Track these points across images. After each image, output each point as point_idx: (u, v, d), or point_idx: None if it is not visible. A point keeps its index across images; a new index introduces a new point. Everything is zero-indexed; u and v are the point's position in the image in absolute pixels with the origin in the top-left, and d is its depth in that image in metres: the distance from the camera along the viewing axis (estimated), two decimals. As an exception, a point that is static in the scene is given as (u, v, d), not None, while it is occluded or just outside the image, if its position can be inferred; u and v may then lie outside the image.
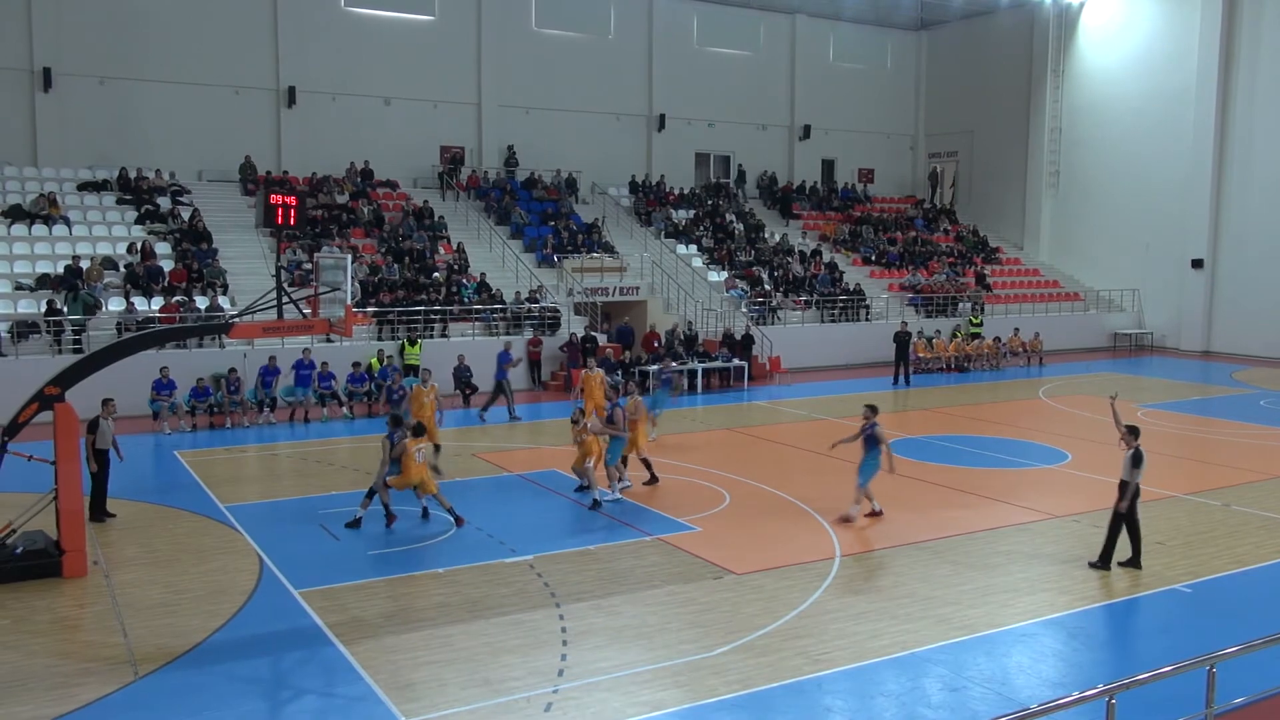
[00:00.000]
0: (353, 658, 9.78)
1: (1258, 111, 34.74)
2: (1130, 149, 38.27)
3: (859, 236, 39.57)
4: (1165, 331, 37.80)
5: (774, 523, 14.61)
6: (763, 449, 19.99)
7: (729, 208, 38.89)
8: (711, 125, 40.81)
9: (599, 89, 37.83)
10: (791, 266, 35.29)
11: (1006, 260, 41.19)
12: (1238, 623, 10.47)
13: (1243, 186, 35.28)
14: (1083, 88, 40.27)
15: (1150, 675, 5.72)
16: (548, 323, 27.90)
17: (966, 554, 13.21)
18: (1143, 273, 38.16)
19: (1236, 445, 20.46)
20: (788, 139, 42.91)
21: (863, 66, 44.27)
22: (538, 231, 32.72)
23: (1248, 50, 34.93)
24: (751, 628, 10.51)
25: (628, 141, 39.00)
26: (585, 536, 13.85)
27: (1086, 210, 40.39)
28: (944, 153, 46.17)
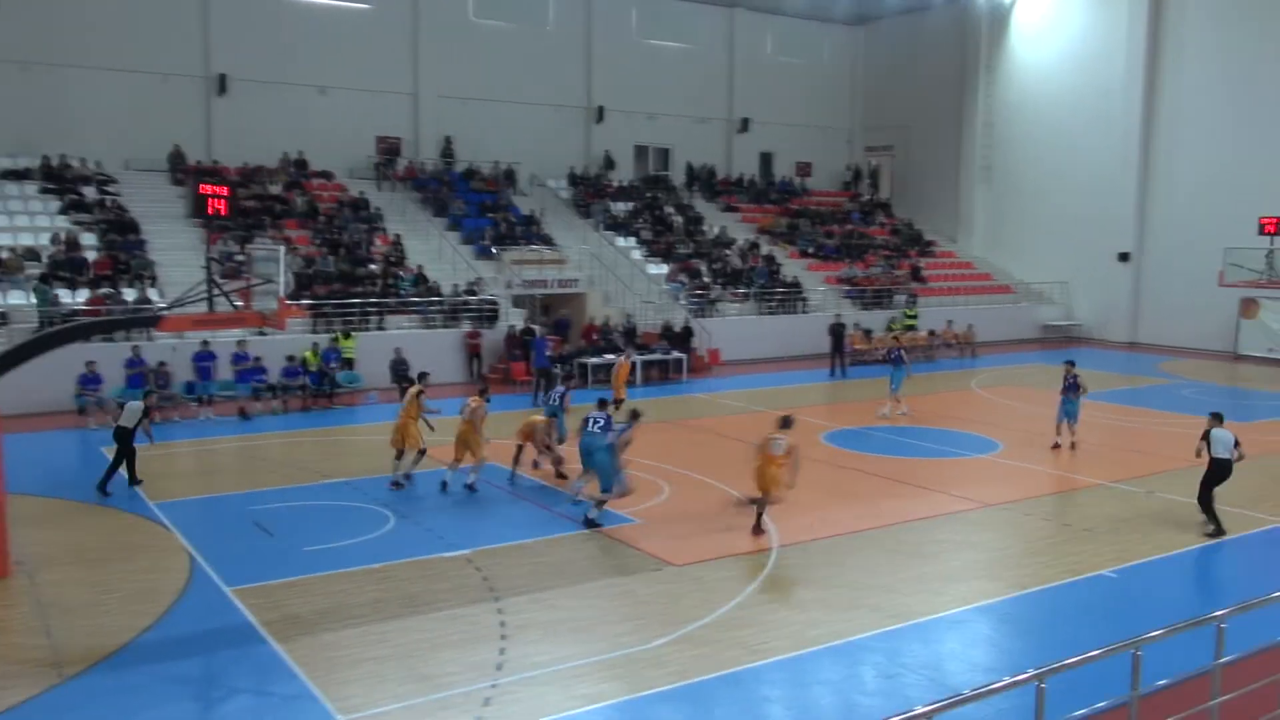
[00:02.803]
0: (287, 655, 9.63)
1: (1183, 108, 35.63)
2: (1060, 144, 39.03)
3: (796, 229, 39.88)
4: (1093, 323, 38.67)
5: (714, 515, 14.65)
6: (702, 441, 20.07)
7: (668, 200, 38.95)
8: (651, 118, 40.81)
9: (538, 80, 37.61)
10: (730, 259, 35.46)
11: (940, 253, 41.82)
12: (1161, 606, 10.77)
13: (1168, 181, 36.19)
14: (1014, 84, 40.98)
15: (1079, 659, 5.84)
16: (486, 315, 27.71)
17: (902, 543, 13.40)
18: (1072, 265, 39.00)
19: (1160, 434, 21.01)
20: (726, 132, 43.08)
21: (801, 60, 44.58)
22: (476, 223, 32.47)
23: (1173, 48, 35.81)
24: (690, 619, 10.55)
25: (566, 133, 38.84)
26: (523, 530, 13.79)
27: (1018, 204, 41.14)
28: (880, 147, 46.70)
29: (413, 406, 16.25)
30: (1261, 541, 13.87)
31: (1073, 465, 17.99)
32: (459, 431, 16.00)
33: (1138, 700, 6.17)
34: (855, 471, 17.41)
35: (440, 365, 26.13)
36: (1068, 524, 14.38)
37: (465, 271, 29.58)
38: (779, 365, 30.90)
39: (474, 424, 15.89)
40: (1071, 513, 15.02)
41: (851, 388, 27.10)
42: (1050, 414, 19.92)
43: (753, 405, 23.85)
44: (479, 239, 31.59)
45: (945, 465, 18.16)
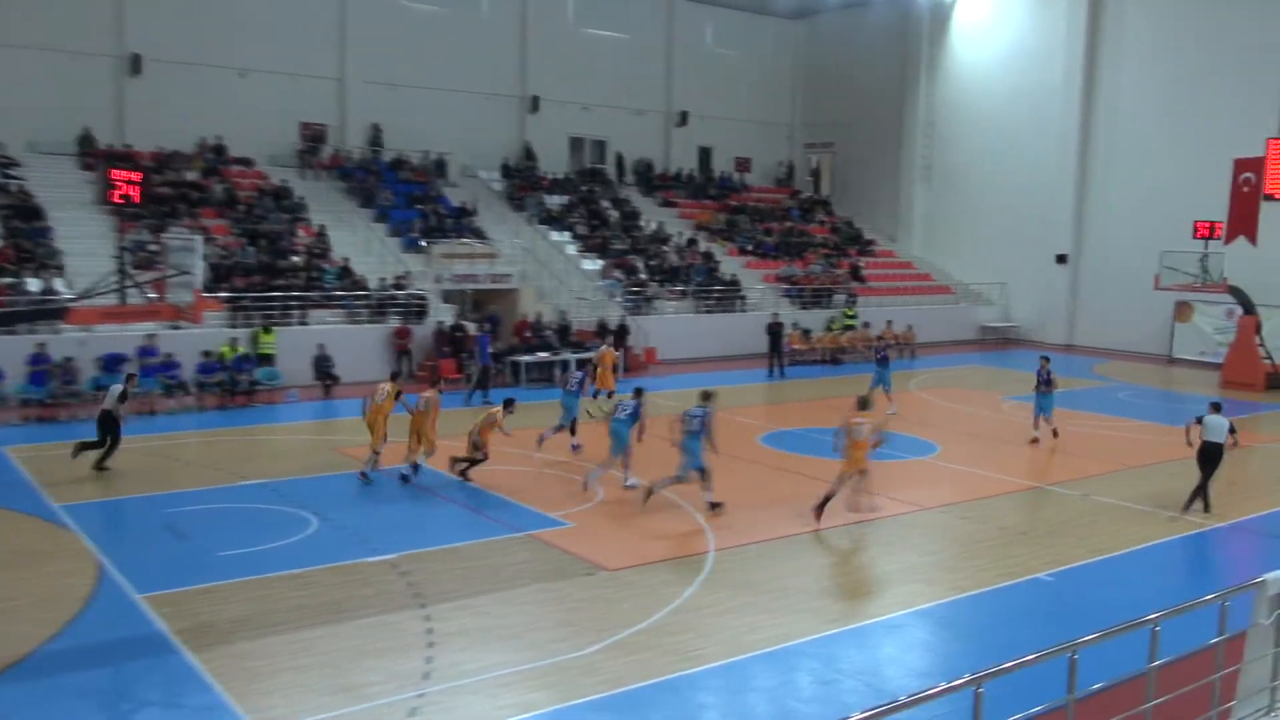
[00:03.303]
0: (201, 666, 9.43)
1: (1120, 110, 36.56)
2: (1000, 144, 39.81)
3: (735, 226, 40.13)
4: (1031, 325, 39.52)
5: (648, 517, 14.70)
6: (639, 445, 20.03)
7: (604, 194, 38.94)
8: (587, 109, 40.76)
9: (470, 68, 37.33)
10: (667, 256, 35.56)
11: (880, 253, 42.40)
12: (1097, 609, 11.04)
13: (1105, 183, 37.12)
14: (955, 83, 41.72)
15: (1015, 664, 5.96)
16: (414, 310, 27.44)
17: (840, 546, 13.57)
18: (1010, 267, 39.80)
19: (1095, 437, 21.54)
20: (664, 125, 43.19)
21: (741, 53, 44.87)
22: (404, 215, 32.13)
23: (1110, 50, 36.73)
24: (624, 625, 10.56)
25: (500, 123, 38.62)
26: (452, 533, 13.69)
27: (958, 204, 41.87)
28: (820, 143, 47.19)
29: (389, 403, 16.80)
30: (1194, 545, 14.30)
31: (1010, 469, 18.36)
32: (412, 422, 16.42)
33: (1074, 704, 6.31)
34: (793, 474, 17.57)
35: (366, 362, 25.86)
36: (1005, 527, 14.67)
37: (393, 265, 29.26)
38: (717, 365, 31.05)
39: (428, 415, 16.38)
40: (1008, 516, 15.32)
41: (790, 388, 27.35)
42: (993, 416, 20.33)
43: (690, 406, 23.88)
44: (407, 231, 31.26)
45: (883, 468, 18.35)
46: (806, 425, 21.90)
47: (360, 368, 25.67)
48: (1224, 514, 15.60)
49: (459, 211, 33.25)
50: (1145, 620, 6.74)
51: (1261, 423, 24.03)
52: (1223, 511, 15.72)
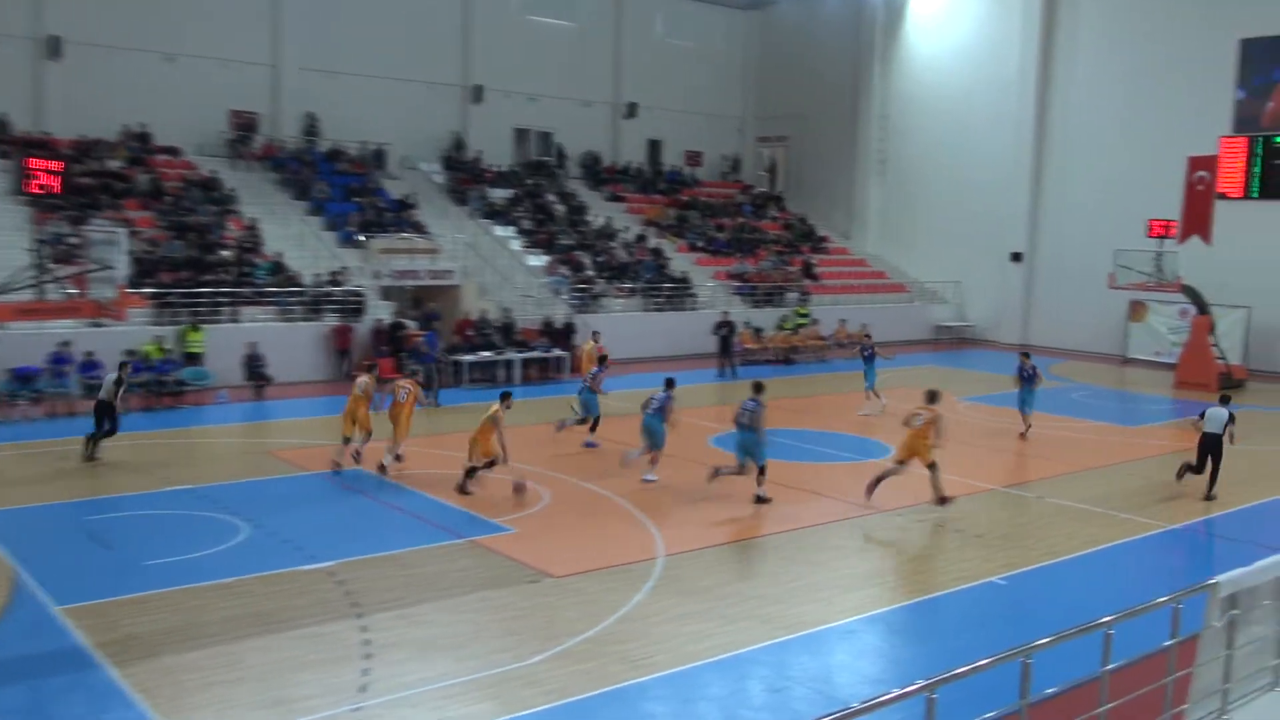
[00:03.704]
0: (125, 681, 9.28)
1: (1075, 105, 37.23)
2: (955, 140, 40.35)
3: (685, 222, 40.25)
4: (985, 324, 40.11)
5: (595, 522, 14.72)
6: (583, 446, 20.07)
7: (550, 188, 38.86)
8: (533, 99, 40.64)
9: (411, 55, 37.06)
10: (615, 252, 35.58)
11: (834, 250, 42.77)
12: (1051, 613, 11.24)
13: (1060, 180, 37.77)
14: (910, 75, 42.20)
15: (968, 669, 6.05)
16: (351, 308, 27.20)
17: (792, 551, 13.67)
18: (965, 265, 40.35)
19: (1050, 438, 21.90)
20: (612, 117, 43.21)
21: (691, 44, 45.01)
22: (341, 208, 31.83)
23: (1066, 43, 37.40)
24: (570, 634, 10.56)
25: (442, 113, 38.38)
26: (391, 540, 13.59)
27: (912, 201, 42.37)
28: (773, 137, 47.51)
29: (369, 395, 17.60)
30: (1147, 547, 14.60)
31: (965, 470, 18.60)
32: (389, 412, 17.31)
33: (1027, 709, 6.42)
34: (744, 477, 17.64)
35: (299, 362, 25.66)
36: (960, 530, 14.88)
37: (328, 260, 28.97)
38: (667, 365, 31.07)
39: (406, 405, 17.24)
40: (963, 518, 15.53)
41: (741, 389, 27.34)
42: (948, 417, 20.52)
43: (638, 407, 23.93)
44: (344, 225, 30.98)
45: (837, 470, 18.59)
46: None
47: (294, 367, 25.43)
48: (1176, 515, 15.97)
49: (398, 205, 33.00)
50: (1098, 624, 6.87)
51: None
52: (1175, 513, 16.10)
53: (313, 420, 22.01)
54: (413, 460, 18.08)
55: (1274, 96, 32.48)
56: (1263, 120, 32.69)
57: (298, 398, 24.23)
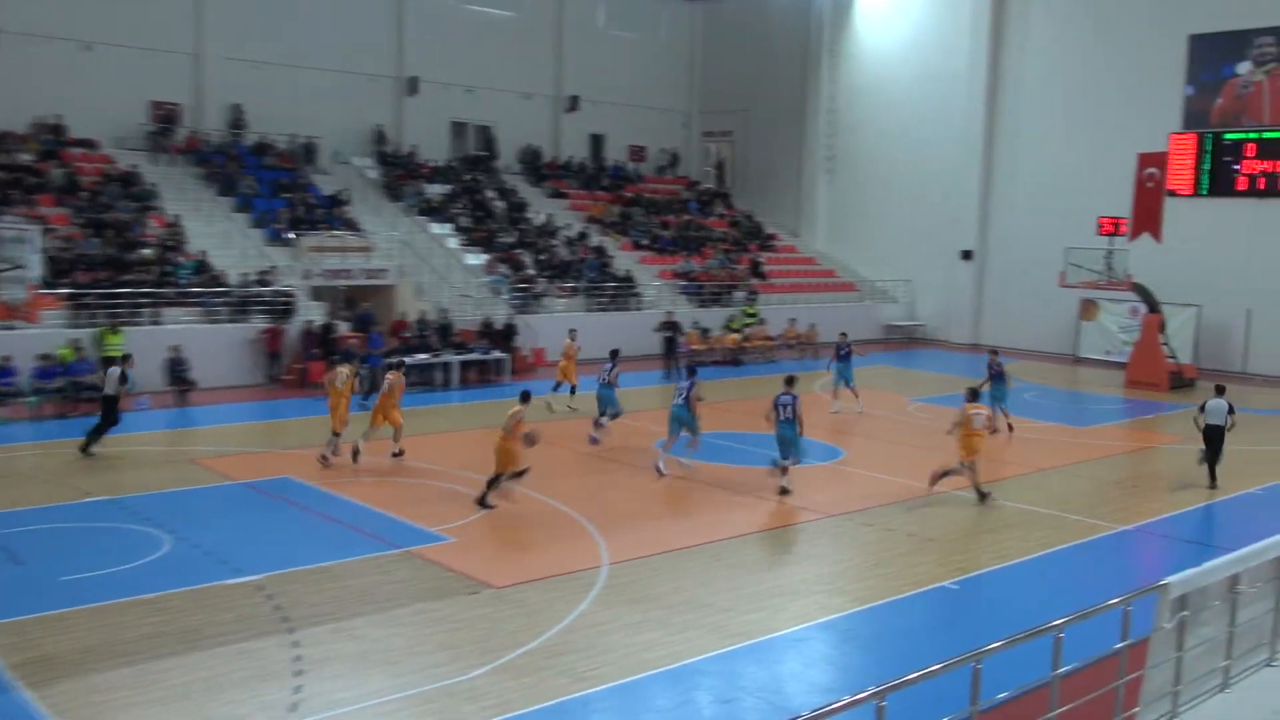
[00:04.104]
0: (41, 703, 9.10)
1: (1025, 100, 37.86)
2: (904, 136, 40.81)
3: (629, 219, 40.32)
4: (936, 323, 40.64)
5: (537, 530, 14.71)
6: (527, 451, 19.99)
7: (489, 184, 38.71)
8: (470, 92, 40.46)
9: (343, 45, 36.69)
10: (557, 250, 35.54)
11: (782, 248, 43.09)
12: (1003, 617, 11.43)
13: (1011, 177, 38.39)
14: (859, 69, 42.63)
15: (919, 675, 6.14)
16: (280, 309, 26.90)
17: (741, 557, 13.75)
18: (915, 263, 40.84)
19: (1002, 439, 22.23)
20: (553, 110, 43.15)
21: (635, 35, 45.10)
22: (269, 204, 31.46)
23: (1015, 37, 38.01)
24: (511, 646, 10.54)
25: (376, 106, 38.07)
26: (323, 551, 13.46)
27: (862, 197, 42.80)
28: (719, 132, 47.75)
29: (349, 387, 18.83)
30: (1099, 548, 14.90)
31: (917, 472, 18.82)
32: (378, 404, 18.58)
33: (978, 714, 6.53)
34: (691, 481, 17.74)
35: (225, 365, 25.35)
36: (911, 534, 15.07)
37: (256, 259, 28.62)
38: (610, 366, 31.08)
39: (391, 396, 18.44)
40: (914, 522, 15.74)
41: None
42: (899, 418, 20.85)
43: (582, 410, 23.95)
44: (272, 222, 30.64)
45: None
46: (705, 430, 22.08)
47: (219, 371, 25.12)
48: (1127, 517, 16.31)
49: (329, 201, 32.69)
50: (1049, 627, 7.01)
51: (1165, 423, 25.14)
52: (1126, 514, 16.45)
53: (239, 427, 21.75)
54: (349, 467, 17.92)
55: (1223, 93, 33.28)
56: (1212, 117, 33.48)
57: (223, 403, 23.92)
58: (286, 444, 19.94)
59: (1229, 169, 33.00)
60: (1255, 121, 32.67)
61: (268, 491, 16.46)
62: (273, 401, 24.41)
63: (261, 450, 19.48)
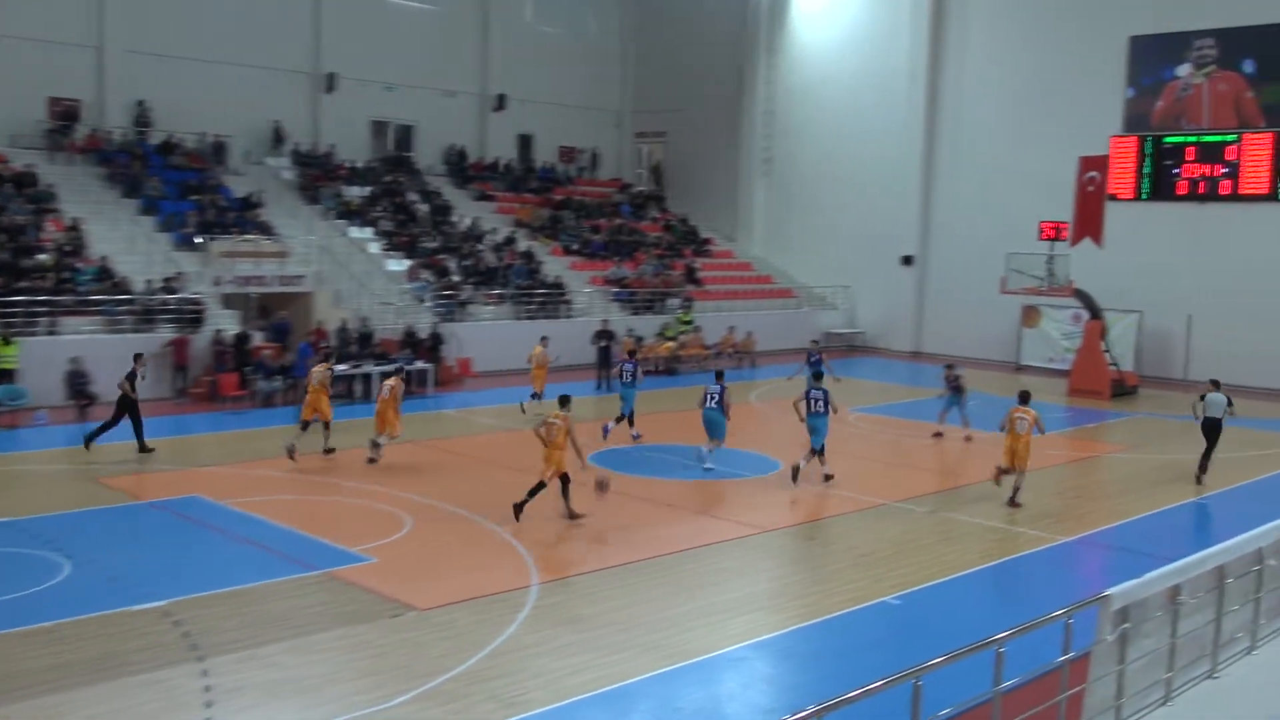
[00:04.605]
0: (-73, 741, 8.88)
1: (965, 102, 38.54)
2: (843, 137, 41.31)
3: (559, 223, 40.32)
4: (877, 331, 41.16)
5: (463, 549, 14.64)
6: (451, 465, 19.96)
7: (411, 185, 38.49)
8: (391, 89, 40.20)
9: (255, 39, 36.26)
10: (483, 255, 35.43)
11: (718, 253, 43.38)
12: (945, 632, 11.60)
13: (951, 180, 39.03)
14: (797, 68, 43.09)
15: (859, 692, 6.23)
16: (189, 318, 26.50)
17: (676, 575, 13.81)
18: (855, 269, 41.35)
19: (944, 449, 22.61)
20: (479, 109, 43.04)
21: (564, 31, 45.16)
22: (176, 207, 31.01)
23: (956, 37, 38.67)
24: (436, 671, 10.48)
25: (291, 103, 37.68)
26: (235, 574, 13.26)
27: (800, 201, 43.25)
28: (652, 133, 47.97)
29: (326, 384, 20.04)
30: (1041, 560, 15.20)
31: (853, 485, 19.06)
32: (379, 409, 19.58)
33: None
34: (623, 496, 17.76)
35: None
36: (851, 548, 15.25)
37: (162, 265, 28.21)
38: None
39: (392, 401, 19.51)
40: (854, 535, 15.93)
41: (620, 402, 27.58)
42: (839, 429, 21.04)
43: (510, 423, 23.90)
44: (180, 226, 30.20)
45: (722, 487, 18.84)
46: (641, 443, 22.17)
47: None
48: (1071, 528, 16.66)
49: (242, 203, 32.30)
50: (991, 641, 7.15)
51: (1108, 431, 25.75)
52: (1070, 525, 16.80)
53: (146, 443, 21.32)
54: (263, 485, 17.71)
55: (1164, 95, 34.18)
56: (1153, 120, 34.37)
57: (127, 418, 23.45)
58: (196, 461, 19.63)
59: (1169, 173, 33.88)
60: (1195, 125, 33.60)
61: (176, 511, 16.19)
62: (181, 416, 24.05)
63: (169, 468, 19.14)
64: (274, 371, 25.77)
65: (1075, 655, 7.69)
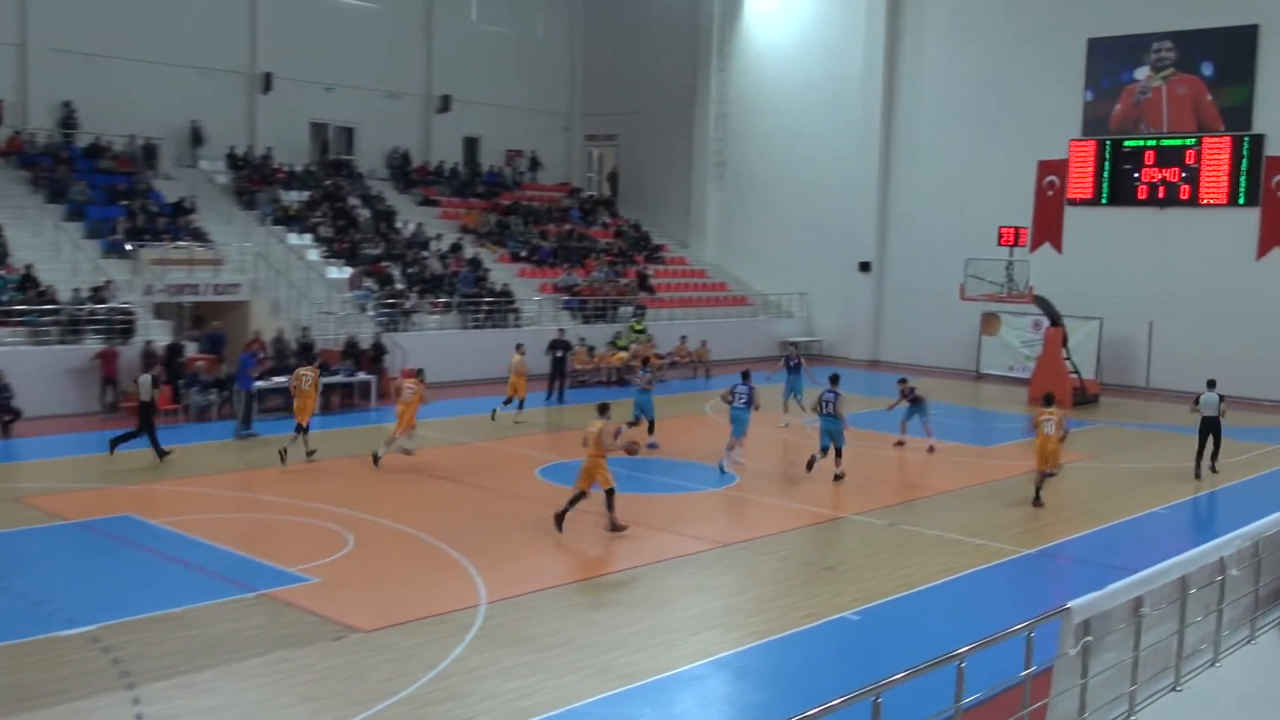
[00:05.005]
0: None
1: (922, 105, 38.93)
2: (798, 140, 41.57)
3: (507, 229, 40.27)
4: (834, 339, 41.42)
5: (407, 567, 14.56)
6: (396, 480, 19.82)
7: (353, 190, 38.28)
8: (331, 90, 39.97)
9: (188, 37, 35.89)
10: (428, 262, 35.30)
11: (671, 259, 43.50)
12: (905, 647, 11.69)
13: (909, 184, 39.40)
14: (751, 70, 43.35)
15: (818, 710, 6.26)
16: (119, 328, 26.17)
17: (629, 592, 13.82)
18: (811, 275, 41.60)
19: (904, 460, 22.79)
20: (423, 111, 42.90)
21: (511, 31, 45.10)
22: (105, 212, 30.64)
23: (912, 38, 39.05)
24: (380, 696, 10.42)
25: (226, 104, 37.33)
26: (168, 597, 13.10)
27: (754, 206, 43.47)
28: (602, 135, 48.04)
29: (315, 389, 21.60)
30: (1003, 573, 15.38)
31: (814, 497, 19.18)
32: (400, 410, 21.04)
33: (879, 751, 6.68)
34: (574, 512, 17.74)
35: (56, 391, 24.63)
36: (808, 562, 15.34)
37: (90, 273, 27.87)
38: (488, 388, 30.94)
39: (412, 404, 20.86)
40: (812, 549, 16.02)
41: (571, 414, 27.62)
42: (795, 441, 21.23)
43: (457, 436, 23.82)
44: (109, 232, 29.85)
45: (675, 501, 18.88)
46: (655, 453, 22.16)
47: (48, 399, 24.32)
48: (1032, 540, 16.86)
49: (174, 209, 31.98)
50: (952, 656, 7.21)
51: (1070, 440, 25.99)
52: (1031, 537, 17.00)
53: (72, 460, 21.06)
54: (198, 503, 17.50)
55: (1122, 98, 34.75)
56: (1111, 123, 34.92)
57: (53, 434, 23.13)
58: (127, 479, 19.34)
59: (1129, 177, 34.42)
60: (1154, 129, 34.17)
61: (105, 532, 15.98)
62: (110, 431, 23.67)
63: (98, 486, 18.87)
64: (208, 384, 25.48)
65: (1037, 670, 7.78)
